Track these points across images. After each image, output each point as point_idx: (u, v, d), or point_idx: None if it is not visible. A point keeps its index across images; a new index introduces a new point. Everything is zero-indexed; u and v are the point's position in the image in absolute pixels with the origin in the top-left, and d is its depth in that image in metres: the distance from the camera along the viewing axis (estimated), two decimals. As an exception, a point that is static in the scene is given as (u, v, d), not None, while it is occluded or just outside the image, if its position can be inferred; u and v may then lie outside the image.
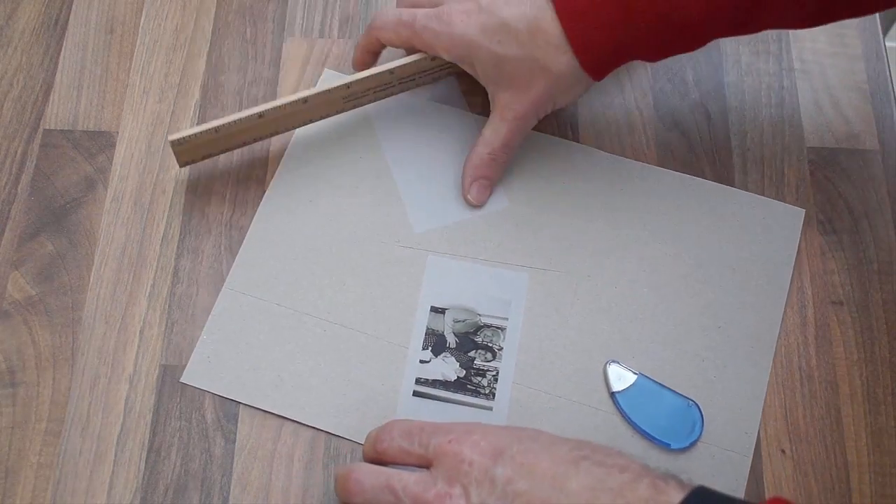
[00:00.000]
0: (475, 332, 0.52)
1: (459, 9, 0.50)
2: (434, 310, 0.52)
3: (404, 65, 0.53)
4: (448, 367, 0.51)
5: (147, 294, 0.53)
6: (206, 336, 0.51)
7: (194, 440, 0.49)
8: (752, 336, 0.52)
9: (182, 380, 0.50)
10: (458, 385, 0.50)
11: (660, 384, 0.50)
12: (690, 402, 0.50)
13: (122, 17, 0.61)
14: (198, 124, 0.53)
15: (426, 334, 0.51)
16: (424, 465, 0.43)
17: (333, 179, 0.55)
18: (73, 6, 0.61)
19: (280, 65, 0.59)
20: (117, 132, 0.57)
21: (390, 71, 0.53)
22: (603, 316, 0.52)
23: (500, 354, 0.51)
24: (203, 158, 0.54)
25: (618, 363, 0.51)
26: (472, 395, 0.50)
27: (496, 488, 0.40)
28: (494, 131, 0.53)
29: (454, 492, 0.40)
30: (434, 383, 0.50)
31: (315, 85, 0.59)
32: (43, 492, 0.48)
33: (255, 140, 0.54)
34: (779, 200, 0.55)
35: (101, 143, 0.57)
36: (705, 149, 0.57)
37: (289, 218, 0.54)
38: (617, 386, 0.50)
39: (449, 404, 0.50)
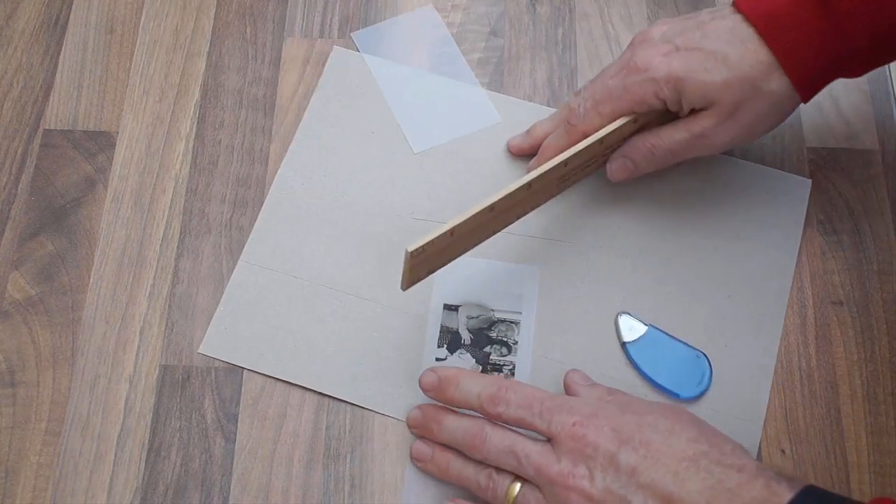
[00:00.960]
0: (489, 328, 0.52)
1: (655, 52, 0.48)
2: (447, 307, 0.52)
3: (612, 132, 0.50)
4: (464, 364, 0.51)
5: (147, 294, 0.53)
6: (223, 308, 0.52)
7: (194, 440, 0.49)
8: (762, 304, 0.52)
9: (200, 350, 0.51)
10: None
11: (670, 335, 0.51)
12: (699, 353, 0.51)
13: (122, 17, 0.61)
14: (428, 235, 0.45)
15: (441, 332, 0.52)
16: (544, 435, 0.44)
17: (347, 153, 0.56)
18: (73, 6, 0.61)
19: (280, 65, 0.59)
20: (117, 132, 0.57)
21: (599, 141, 0.50)
22: (614, 285, 0.53)
23: (516, 349, 0.51)
24: (427, 274, 0.48)
25: (629, 314, 0.51)
26: None
27: (620, 476, 0.41)
28: (671, 133, 0.50)
29: (577, 472, 0.42)
30: None
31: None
32: (43, 492, 0.48)
33: (482, 240, 0.49)
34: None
35: (101, 143, 0.57)
36: (705, 149, 0.57)
37: (303, 192, 0.55)
38: (628, 336, 0.51)
39: None
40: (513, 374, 0.51)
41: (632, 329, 0.51)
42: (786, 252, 0.54)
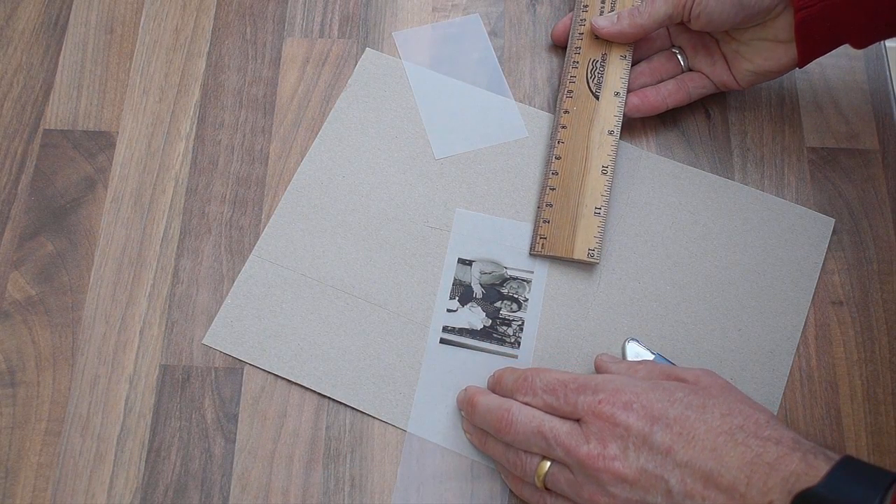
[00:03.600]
0: (501, 284, 0.53)
1: None
2: (461, 261, 0.53)
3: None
4: (474, 317, 0.52)
5: (147, 294, 0.53)
6: (231, 301, 0.52)
7: (194, 440, 0.49)
8: (772, 341, 0.52)
9: (204, 341, 0.51)
10: (484, 334, 0.52)
11: (675, 366, 0.50)
12: None
13: (122, 17, 0.61)
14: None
15: (453, 284, 0.53)
16: (572, 419, 0.44)
17: (369, 155, 0.56)
18: (73, 6, 0.61)
19: (280, 64, 0.59)
20: (117, 132, 0.57)
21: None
22: (623, 309, 0.52)
23: (526, 306, 0.52)
24: None
25: (636, 341, 0.50)
26: (497, 344, 0.52)
27: (655, 455, 0.40)
28: None
29: (608, 452, 0.41)
30: (461, 331, 0.52)
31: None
32: (43, 492, 0.48)
33: None
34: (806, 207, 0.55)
35: (101, 143, 0.57)
36: (705, 149, 0.57)
37: (321, 191, 0.55)
38: None
39: (475, 352, 0.52)
40: (521, 329, 0.52)
41: (638, 356, 0.50)
42: (801, 290, 0.53)
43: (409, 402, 0.50)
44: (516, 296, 0.52)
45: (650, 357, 0.50)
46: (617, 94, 0.55)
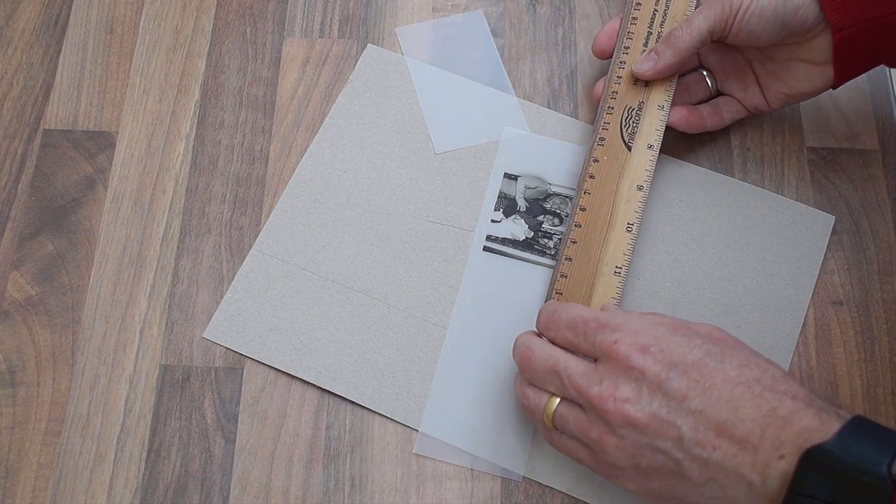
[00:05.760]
0: (545, 199, 0.55)
1: None
2: (507, 176, 0.55)
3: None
4: (517, 228, 0.54)
5: (147, 294, 0.53)
6: (231, 295, 0.52)
7: (194, 440, 0.49)
8: (771, 338, 0.52)
9: (204, 335, 0.51)
10: (526, 244, 0.54)
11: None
12: None
13: (122, 17, 0.61)
14: None
15: (499, 197, 0.55)
16: (592, 357, 0.43)
17: (370, 150, 0.56)
18: (73, 6, 0.61)
19: (280, 65, 0.59)
20: (117, 132, 0.57)
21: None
22: (623, 306, 0.52)
23: (567, 221, 0.53)
24: None
25: None
26: (538, 255, 0.54)
27: (669, 401, 0.40)
28: (694, 13, 0.51)
29: (619, 394, 0.40)
30: (503, 241, 0.54)
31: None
32: (43, 492, 0.48)
33: None
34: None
35: (101, 143, 0.57)
36: (705, 148, 0.57)
37: (322, 186, 0.55)
38: None
39: (516, 261, 0.53)
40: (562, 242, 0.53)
41: None
42: (801, 287, 0.53)
43: (409, 395, 0.50)
44: (558, 211, 0.54)
45: None
46: (650, 146, 0.52)
